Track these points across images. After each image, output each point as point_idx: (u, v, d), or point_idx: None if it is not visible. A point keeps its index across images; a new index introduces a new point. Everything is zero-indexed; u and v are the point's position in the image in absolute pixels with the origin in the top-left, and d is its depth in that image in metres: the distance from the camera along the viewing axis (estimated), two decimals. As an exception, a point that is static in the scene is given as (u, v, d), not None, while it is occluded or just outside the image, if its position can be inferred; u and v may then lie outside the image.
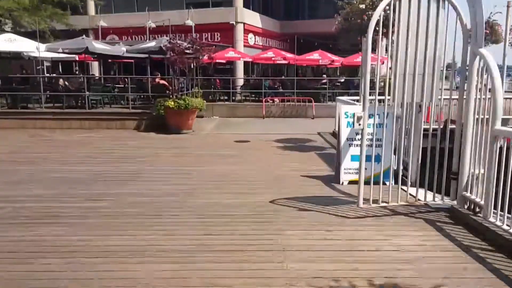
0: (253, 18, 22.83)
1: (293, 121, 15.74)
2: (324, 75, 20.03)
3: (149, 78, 14.61)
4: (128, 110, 12.96)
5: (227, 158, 8.46)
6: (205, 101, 12.47)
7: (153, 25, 18.69)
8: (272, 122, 15.39)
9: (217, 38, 21.27)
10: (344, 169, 6.29)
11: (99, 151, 9.22)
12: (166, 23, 17.06)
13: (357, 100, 11.10)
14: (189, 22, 18.31)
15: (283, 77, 20.33)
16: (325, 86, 18.71)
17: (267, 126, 14.03)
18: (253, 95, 18.46)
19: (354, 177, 6.27)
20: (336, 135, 11.80)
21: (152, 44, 12.94)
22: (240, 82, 19.95)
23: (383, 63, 19.65)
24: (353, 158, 6.28)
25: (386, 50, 7.12)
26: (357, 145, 6.29)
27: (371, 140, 6.30)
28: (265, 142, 10.45)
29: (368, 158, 6.21)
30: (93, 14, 23.37)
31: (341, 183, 6.26)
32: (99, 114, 12.85)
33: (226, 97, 17.89)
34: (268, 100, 17.10)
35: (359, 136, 6.28)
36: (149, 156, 8.60)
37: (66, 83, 13.62)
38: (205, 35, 21.45)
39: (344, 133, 6.34)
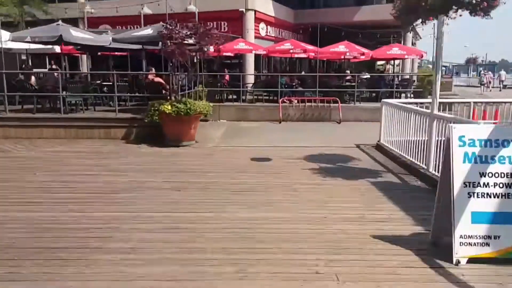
0: (265, 5, 20.02)
1: (316, 126, 13.05)
2: (348, 71, 17.29)
3: (141, 75, 11.83)
4: (114, 115, 10.28)
5: (247, 193, 5.79)
6: (211, 104, 9.80)
7: (149, 11, 15.98)
8: (292, 128, 12.70)
9: (224, 28, 18.54)
10: (461, 236, 3.59)
11: (63, 178, 6.56)
12: (164, 10, 14.37)
13: (418, 103, 8.37)
14: (192, 8, 15.59)
15: (303, 73, 17.57)
16: (349, 84, 15.96)
17: (287, 134, 11.36)
18: (266, 95, 15.76)
19: (481, 251, 3.60)
20: (382, 149, 9.09)
21: (146, 31, 10.25)
22: (251, 79, 17.23)
23: (422, 57, 16.93)
24: (477, 217, 3.60)
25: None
26: (485, 195, 3.61)
27: (508, 186, 3.64)
28: (292, 161, 7.79)
29: (504, 217, 3.56)
30: (83, 1, 20.65)
31: (454, 262, 3.57)
32: (78, 120, 10.19)
33: (235, 96, 15.19)
34: (285, 100, 14.42)
35: (486, 179, 3.61)
36: (132, 189, 5.95)
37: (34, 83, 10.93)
38: (210, 25, 18.69)
39: (459, 173, 3.64)
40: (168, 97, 9.97)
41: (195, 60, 14.50)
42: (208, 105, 9.53)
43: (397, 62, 40.90)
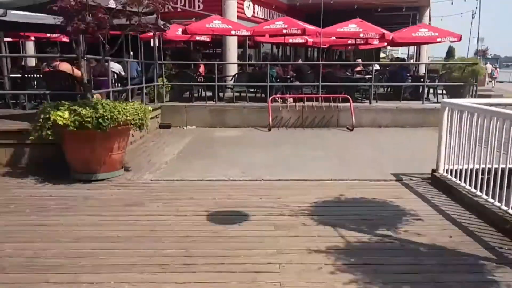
0: (252, -22, 15.99)
1: (320, 135, 9.20)
2: (359, 60, 13.40)
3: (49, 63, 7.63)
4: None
5: None
6: (149, 108, 5.82)
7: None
8: (286, 138, 8.81)
9: (199, 6, 14.57)
10: None
11: None
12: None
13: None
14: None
15: (300, 61, 13.59)
16: (361, 76, 12.13)
17: (279, 152, 7.44)
18: (252, 91, 11.85)
19: None
20: (448, 187, 4.65)
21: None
22: (233, 71, 13.28)
23: (461, 40, 13.06)
24: None
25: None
26: None
27: None
28: (290, 224, 3.93)
29: None
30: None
31: None
32: None
33: (210, 94, 11.27)
34: (277, 98, 10.54)
35: None
36: None
37: None
38: (180, 2, 14.67)
39: None
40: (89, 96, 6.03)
41: (153, 44, 10.59)
42: (143, 110, 5.56)
43: (401, 50, 36.57)
